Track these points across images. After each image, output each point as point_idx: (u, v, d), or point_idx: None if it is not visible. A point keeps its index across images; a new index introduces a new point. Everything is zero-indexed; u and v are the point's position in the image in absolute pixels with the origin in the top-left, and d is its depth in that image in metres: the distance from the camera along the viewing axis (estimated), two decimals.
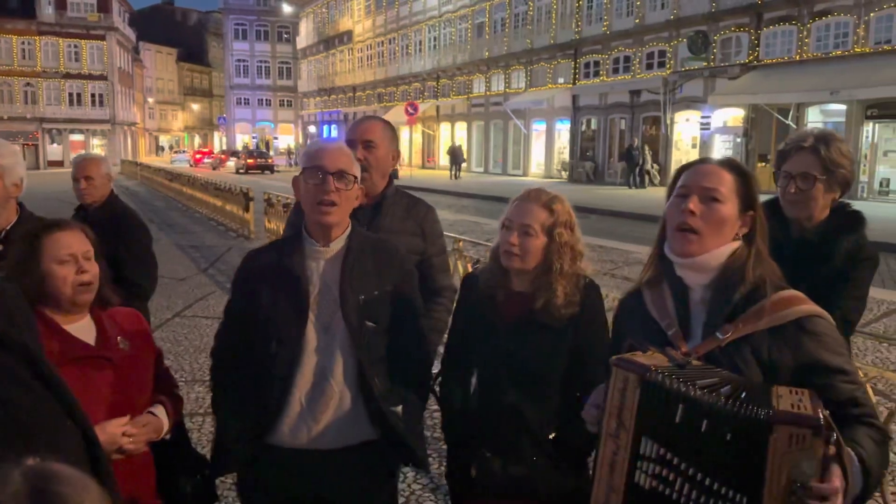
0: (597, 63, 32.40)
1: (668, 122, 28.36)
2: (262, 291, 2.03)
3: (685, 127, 28.66)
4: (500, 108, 36.99)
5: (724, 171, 1.62)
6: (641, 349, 1.59)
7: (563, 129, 34.78)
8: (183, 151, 71.53)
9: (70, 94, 59.95)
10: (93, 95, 60.70)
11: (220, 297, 8.38)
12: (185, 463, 2.22)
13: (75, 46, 59.58)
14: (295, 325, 2.00)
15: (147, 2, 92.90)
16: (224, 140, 78.16)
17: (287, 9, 65.29)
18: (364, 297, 2.04)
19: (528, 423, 2.15)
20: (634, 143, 28.07)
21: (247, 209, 14.61)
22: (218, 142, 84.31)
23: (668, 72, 28.28)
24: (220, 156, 57.92)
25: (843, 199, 2.48)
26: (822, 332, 1.54)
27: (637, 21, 29.85)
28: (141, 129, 75.02)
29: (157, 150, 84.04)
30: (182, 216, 19.22)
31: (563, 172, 34.06)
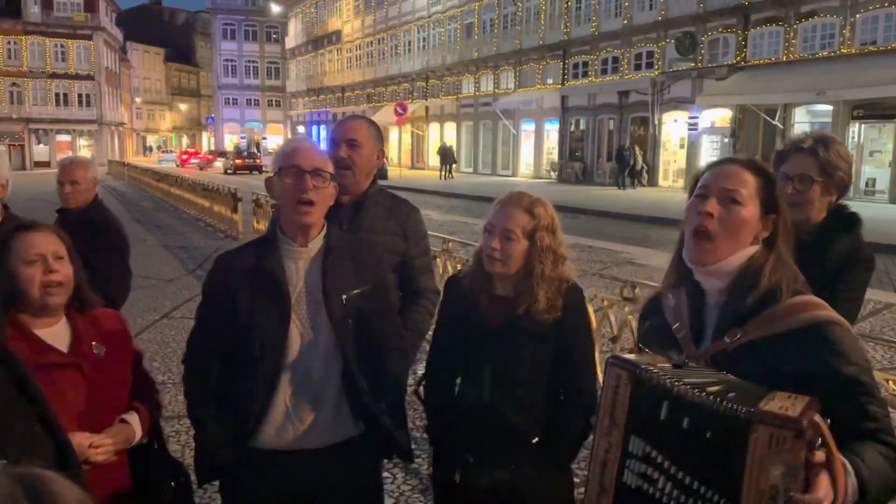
0: (585, 64, 32.50)
1: (657, 122, 28.49)
2: (241, 295, 2.00)
3: (673, 127, 28.79)
4: (490, 108, 37.03)
5: (746, 173, 1.56)
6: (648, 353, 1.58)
7: (553, 130, 34.86)
8: (170, 151, 71.16)
9: (57, 95, 59.53)
10: (80, 95, 60.29)
11: None
12: (159, 469, 2.19)
13: (62, 46, 59.17)
14: (277, 326, 1.98)
15: (134, 1, 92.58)
16: (212, 140, 77.85)
17: (275, 9, 65.12)
18: (346, 296, 2.03)
19: (512, 428, 2.15)
20: (626, 143, 28.16)
21: (235, 210, 14.56)
22: (206, 142, 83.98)
23: (657, 72, 28.40)
24: (208, 156, 57.71)
25: (839, 201, 2.49)
26: (835, 340, 1.45)
27: (625, 22, 29.96)
28: (128, 130, 74.60)
29: (145, 150, 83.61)
30: (170, 217, 19.12)
31: (553, 173, 34.13)
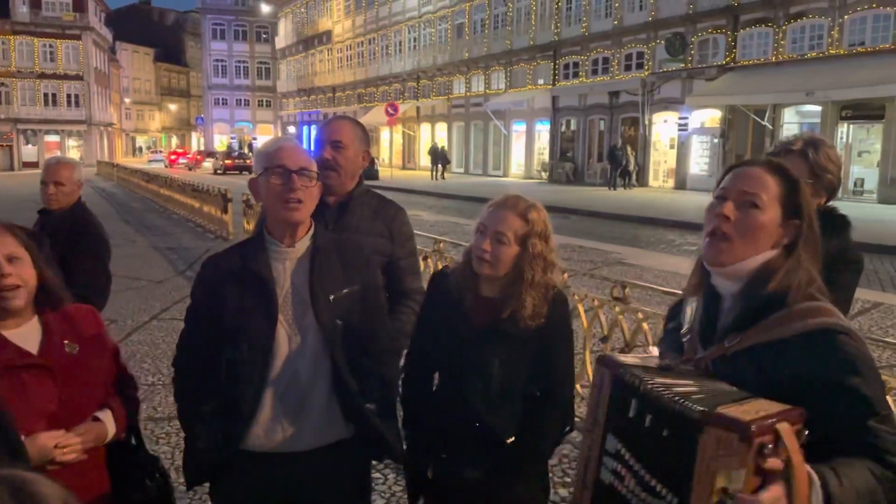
0: (576, 64, 32.57)
1: (647, 123, 28.59)
2: (228, 296, 2.00)
3: (663, 128, 28.89)
4: (481, 108, 37.06)
5: (768, 176, 1.51)
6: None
7: (543, 130, 34.92)
8: (160, 152, 70.86)
9: (45, 95, 59.18)
10: (68, 96, 59.96)
11: None
12: (135, 466, 2.18)
13: (50, 46, 58.83)
14: (265, 327, 1.97)
15: (124, 1, 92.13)
16: (202, 141, 77.55)
17: (265, 9, 64.97)
18: (334, 297, 2.02)
19: (487, 428, 2.16)
20: (618, 143, 28.18)
21: (225, 210, 14.50)
22: (196, 142, 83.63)
23: (647, 73, 28.50)
24: (196, 156, 57.54)
25: (828, 203, 2.51)
26: (836, 348, 1.38)
27: (615, 23, 30.05)
28: (117, 130, 74.22)
29: (135, 150, 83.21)
30: (159, 217, 19.03)
31: (543, 173, 34.19)
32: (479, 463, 2.16)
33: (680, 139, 27.42)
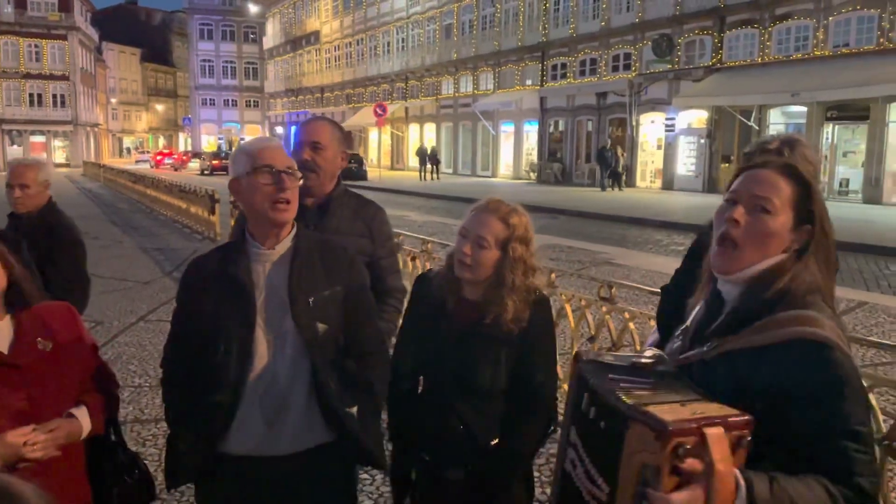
0: (564, 65, 32.66)
1: (634, 123, 28.70)
2: (207, 299, 1.98)
3: (651, 129, 29.02)
4: (469, 109, 37.09)
5: (781, 180, 1.46)
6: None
7: (532, 131, 34.99)
8: (148, 152, 70.45)
9: (31, 95, 58.77)
10: (54, 96, 59.57)
11: None
12: (114, 462, 2.17)
13: (36, 46, 58.41)
14: (242, 330, 1.95)
15: (110, 1, 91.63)
16: (189, 141, 77.17)
17: (253, 9, 64.73)
18: (314, 299, 2.00)
19: (471, 430, 2.17)
20: (607, 144, 28.20)
21: (212, 211, 14.44)
22: (183, 143, 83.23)
23: (634, 74, 28.62)
24: (182, 157, 57.29)
25: None
26: (812, 360, 1.33)
27: (603, 24, 30.15)
28: (104, 131, 73.73)
29: (121, 151, 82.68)
30: (146, 219, 18.93)
31: (532, 174, 34.26)
32: (463, 464, 2.17)
33: (667, 140, 27.55)
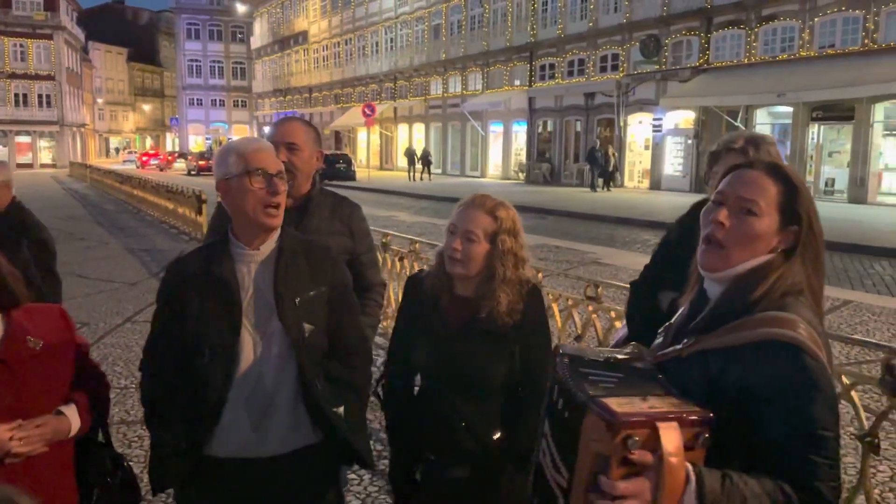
0: (552, 66, 32.74)
1: (622, 124, 28.81)
2: (191, 300, 1.97)
3: (638, 129, 29.14)
4: (458, 109, 37.11)
5: (768, 181, 1.45)
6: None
7: (520, 131, 35.05)
8: (135, 152, 70.07)
9: (16, 95, 58.28)
10: (40, 96, 59.11)
11: None
12: (99, 462, 2.17)
13: (21, 46, 57.94)
14: (228, 331, 1.94)
15: (96, 0, 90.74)
16: (176, 141, 76.78)
17: (241, 8, 64.45)
18: (300, 299, 1.99)
19: (472, 426, 2.17)
20: (597, 145, 28.20)
21: (199, 212, 14.37)
22: (170, 143, 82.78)
23: (622, 75, 28.73)
24: (167, 157, 57.05)
25: None
26: (784, 361, 1.34)
27: (591, 25, 30.25)
28: (90, 131, 73.22)
29: (108, 151, 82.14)
30: (133, 219, 18.83)
31: (521, 174, 34.32)
32: (467, 461, 2.18)
33: (654, 140, 27.67)
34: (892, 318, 7.58)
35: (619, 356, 1.53)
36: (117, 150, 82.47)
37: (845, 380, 2.87)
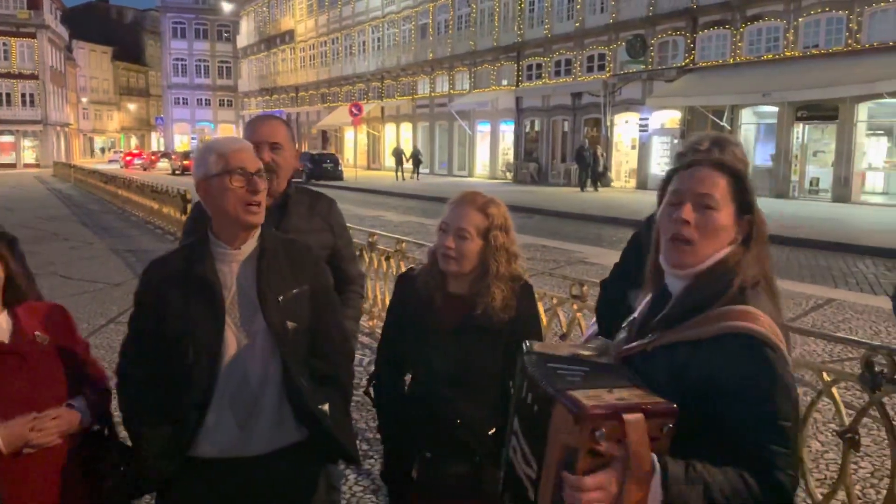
0: (539, 66, 32.80)
1: (609, 123, 28.91)
2: (173, 301, 1.95)
3: (625, 129, 29.26)
4: (445, 109, 37.11)
5: (717, 175, 1.52)
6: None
7: (508, 131, 35.10)
8: (120, 152, 69.62)
9: None
10: (23, 95, 58.55)
11: None
12: (106, 455, 2.18)
13: (4, 45, 57.37)
14: (211, 331, 1.93)
15: None
16: (162, 141, 76.30)
17: (227, 7, 64.09)
18: (283, 297, 1.99)
19: (468, 422, 2.18)
20: (585, 144, 28.19)
21: (185, 211, 14.28)
22: (156, 143, 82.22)
23: (608, 75, 28.83)
24: (151, 157, 56.80)
25: None
26: (743, 355, 1.38)
27: (577, 25, 30.33)
28: (74, 130, 72.59)
29: (93, 151, 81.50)
30: (118, 219, 18.69)
31: (508, 173, 34.37)
32: (464, 458, 2.18)
33: (641, 140, 27.80)
34: (875, 316, 7.64)
35: (585, 352, 1.55)
36: (103, 150, 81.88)
37: (826, 377, 2.89)
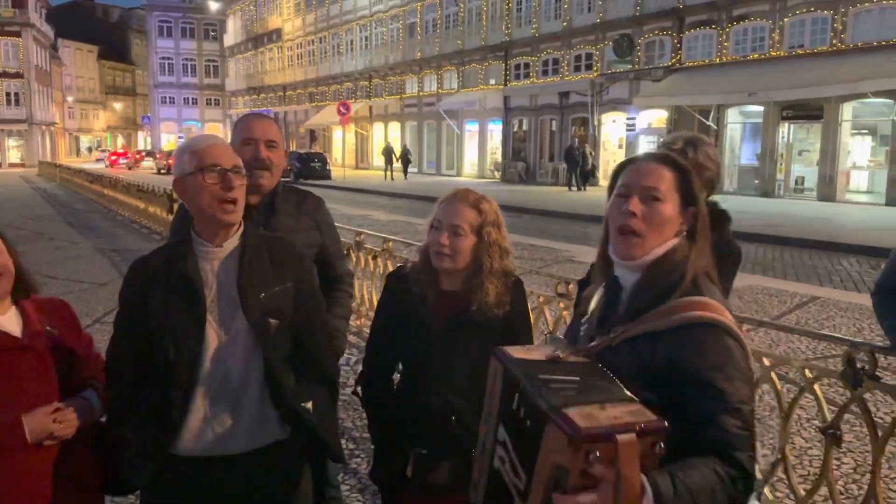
0: (527, 65, 32.85)
1: (596, 123, 29.00)
2: (155, 299, 1.95)
3: (612, 128, 29.34)
4: (433, 108, 37.08)
5: (663, 169, 1.59)
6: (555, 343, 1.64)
7: (496, 130, 35.13)
8: (107, 151, 69.15)
9: None
10: (8, 94, 58.06)
11: None
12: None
13: None
14: (192, 329, 1.93)
15: None
16: (148, 140, 75.83)
17: (213, 6, 63.73)
18: (264, 294, 1.98)
19: (463, 419, 2.17)
20: (575, 144, 28.24)
21: (171, 211, 14.20)
22: (142, 142, 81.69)
23: (595, 74, 28.91)
24: (135, 155, 56.55)
25: (710, 198, 2.64)
26: (706, 342, 1.45)
27: (564, 24, 30.39)
28: (60, 130, 72.01)
29: (79, 150, 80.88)
30: (103, 219, 18.56)
31: (496, 172, 34.39)
32: (459, 453, 2.17)
33: (628, 139, 27.89)
34: (858, 314, 7.71)
35: (559, 352, 1.55)
36: (90, 149, 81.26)
37: (809, 373, 2.91)
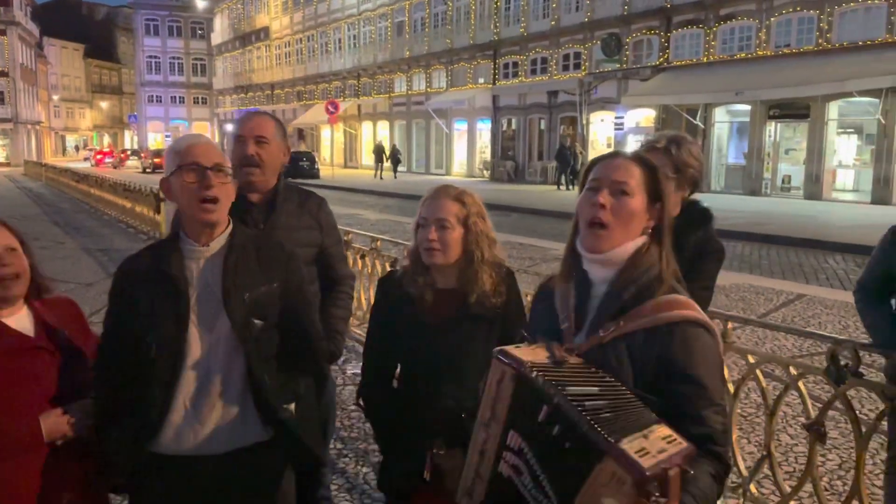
0: (515, 64, 32.88)
1: (584, 122, 29.05)
2: (140, 297, 1.95)
3: (600, 127, 29.42)
4: (422, 107, 37.04)
5: (632, 165, 1.65)
6: (531, 341, 1.62)
7: (485, 129, 35.15)
8: (93, 149, 68.68)
9: None
10: None
11: None
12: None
13: None
14: (174, 327, 1.92)
15: None
16: (135, 139, 75.38)
17: (201, 4, 63.34)
18: (249, 295, 1.98)
19: (473, 412, 2.16)
20: (566, 143, 28.24)
21: (158, 210, 14.13)
22: (129, 141, 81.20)
23: (584, 73, 28.97)
24: (120, 155, 56.27)
25: (692, 197, 2.66)
26: (693, 340, 1.54)
27: (553, 23, 30.44)
28: (46, 129, 71.44)
29: (65, 150, 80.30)
30: (90, 218, 18.44)
31: (485, 171, 34.41)
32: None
33: (616, 138, 27.96)
34: (844, 311, 7.76)
35: (559, 355, 1.54)
36: (77, 147, 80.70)
37: (793, 371, 2.93)
